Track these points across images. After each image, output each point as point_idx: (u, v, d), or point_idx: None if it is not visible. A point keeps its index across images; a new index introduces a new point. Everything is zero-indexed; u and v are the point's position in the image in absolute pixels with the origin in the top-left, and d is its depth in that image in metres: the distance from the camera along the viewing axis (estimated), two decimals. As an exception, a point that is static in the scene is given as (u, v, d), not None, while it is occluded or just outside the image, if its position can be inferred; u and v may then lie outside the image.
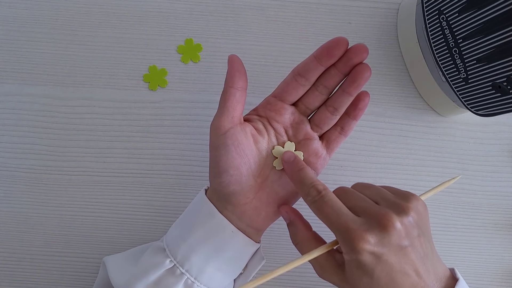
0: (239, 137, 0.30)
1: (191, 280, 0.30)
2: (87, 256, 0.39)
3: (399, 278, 0.26)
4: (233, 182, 0.30)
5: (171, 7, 0.42)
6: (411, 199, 0.27)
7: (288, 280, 0.39)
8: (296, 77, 0.31)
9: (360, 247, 0.25)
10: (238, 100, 0.30)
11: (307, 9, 0.43)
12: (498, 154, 0.42)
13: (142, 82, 0.41)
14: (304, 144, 0.32)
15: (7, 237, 0.39)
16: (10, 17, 0.42)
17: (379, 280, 0.25)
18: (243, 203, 0.30)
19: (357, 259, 0.25)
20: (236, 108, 0.30)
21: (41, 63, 0.41)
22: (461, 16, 0.32)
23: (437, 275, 0.27)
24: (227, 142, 0.29)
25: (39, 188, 0.40)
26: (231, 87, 0.30)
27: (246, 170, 0.30)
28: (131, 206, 0.40)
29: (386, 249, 0.25)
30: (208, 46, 0.42)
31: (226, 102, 0.30)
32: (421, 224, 0.27)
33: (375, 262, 0.25)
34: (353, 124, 0.32)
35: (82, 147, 0.40)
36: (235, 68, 0.30)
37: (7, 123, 0.40)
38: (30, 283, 0.39)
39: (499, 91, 0.31)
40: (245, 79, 0.31)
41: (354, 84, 0.30)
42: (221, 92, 0.31)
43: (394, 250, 0.25)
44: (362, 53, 0.29)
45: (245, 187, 0.30)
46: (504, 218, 0.41)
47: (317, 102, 0.32)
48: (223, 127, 0.30)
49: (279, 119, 0.32)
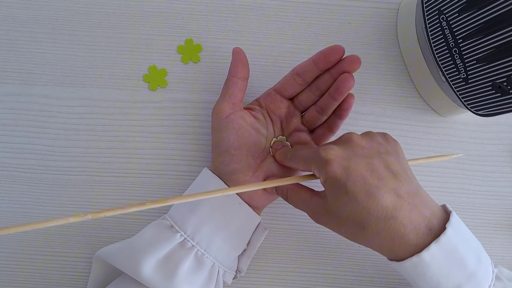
0: (240, 121, 0.33)
1: (201, 252, 0.32)
2: (87, 256, 0.39)
3: (377, 193, 0.25)
4: (234, 160, 0.33)
5: (171, 7, 0.42)
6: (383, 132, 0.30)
7: (288, 280, 0.39)
8: (295, 76, 0.35)
9: (326, 157, 0.27)
10: (240, 88, 0.34)
11: (307, 9, 0.43)
12: (498, 154, 0.42)
13: (142, 82, 0.41)
14: (294, 135, 0.36)
15: (7, 237, 0.39)
16: (10, 17, 0.42)
17: (356, 196, 0.25)
18: (243, 180, 0.33)
19: (328, 174, 0.26)
20: (238, 96, 0.34)
21: (41, 63, 0.41)
22: (461, 16, 0.32)
23: (426, 204, 0.27)
24: (229, 126, 0.33)
25: (39, 188, 0.40)
26: (234, 76, 0.34)
27: (246, 151, 0.33)
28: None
29: (352, 159, 0.26)
30: (208, 46, 0.42)
31: (229, 90, 0.34)
32: (389, 148, 0.28)
33: (345, 173, 0.26)
34: (339, 123, 0.36)
35: (82, 147, 0.40)
36: (239, 59, 0.34)
37: (7, 123, 0.40)
38: (30, 283, 0.39)
39: (499, 91, 0.31)
40: (247, 70, 0.34)
41: (338, 91, 0.33)
42: (224, 81, 0.34)
43: (360, 161, 0.26)
44: (354, 64, 0.33)
45: (245, 165, 0.33)
46: (504, 218, 0.41)
47: (309, 101, 0.36)
48: (225, 111, 0.33)
49: (276, 111, 0.36)
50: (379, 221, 0.25)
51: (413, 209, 0.26)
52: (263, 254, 0.39)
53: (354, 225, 0.26)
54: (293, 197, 0.32)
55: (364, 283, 0.40)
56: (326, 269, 0.40)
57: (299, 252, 0.40)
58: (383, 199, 0.25)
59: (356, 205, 0.25)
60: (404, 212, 0.25)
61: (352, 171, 0.26)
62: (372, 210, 0.25)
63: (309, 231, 0.40)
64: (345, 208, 0.26)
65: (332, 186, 0.27)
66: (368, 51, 0.42)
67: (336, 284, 0.40)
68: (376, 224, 0.25)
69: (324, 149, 0.27)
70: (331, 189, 0.27)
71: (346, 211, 0.26)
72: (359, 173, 0.26)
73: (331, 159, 0.27)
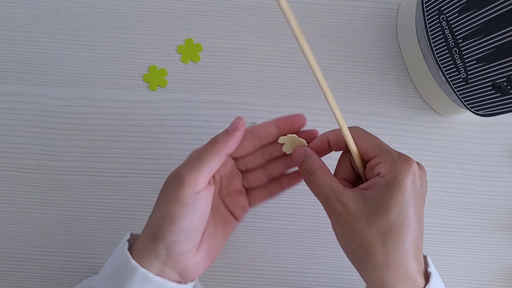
0: (207, 200, 0.28)
1: None
2: (87, 256, 0.39)
3: (418, 211, 0.26)
4: (187, 241, 0.28)
5: (171, 7, 0.42)
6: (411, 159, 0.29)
7: (288, 280, 0.39)
8: (253, 138, 0.32)
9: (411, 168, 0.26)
10: (221, 164, 0.29)
11: (307, 9, 0.43)
12: (498, 154, 0.42)
13: (142, 82, 0.41)
14: (232, 196, 0.33)
15: (7, 237, 0.39)
16: (10, 17, 0.42)
17: (407, 201, 0.25)
18: (186, 259, 0.28)
19: (403, 178, 0.25)
20: (215, 170, 0.29)
21: (41, 63, 0.41)
22: (461, 16, 0.32)
23: (420, 260, 0.27)
24: (197, 203, 0.27)
25: (39, 188, 0.40)
26: (223, 151, 0.29)
27: (201, 231, 0.29)
28: (131, 206, 0.40)
29: (418, 180, 0.26)
30: (208, 46, 0.42)
31: (212, 163, 0.28)
32: (425, 192, 0.28)
33: (411, 185, 0.26)
34: (279, 192, 0.33)
35: (82, 147, 0.40)
36: (238, 136, 0.30)
37: (7, 123, 0.40)
38: (30, 283, 0.39)
39: (499, 91, 0.31)
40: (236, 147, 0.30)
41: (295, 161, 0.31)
42: (207, 147, 0.29)
43: (417, 188, 0.26)
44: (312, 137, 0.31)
45: (194, 245, 0.28)
46: (504, 218, 0.41)
47: (256, 164, 0.33)
48: (199, 186, 0.28)
49: (222, 170, 0.32)
50: (389, 256, 0.26)
51: (415, 261, 0.26)
52: (263, 254, 0.40)
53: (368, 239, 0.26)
54: (323, 177, 0.28)
55: (364, 283, 0.40)
56: (326, 269, 0.40)
57: (299, 252, 0.40)
58: (416, 221, 0.26)
59: (404, 206, 0.26)
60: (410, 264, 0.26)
61: (414, 187, 0.26)
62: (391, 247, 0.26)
63: (309, 231, 0.40)
64: (393, 204, 0.25)
65: (395, 186, 0.25)
66: (368, 51, 0.42)
67: (336, 284, 0.40)
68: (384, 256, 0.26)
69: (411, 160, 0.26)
70: (392, 188, 0.25)
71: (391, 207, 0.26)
72: (418, 193, 0.26)
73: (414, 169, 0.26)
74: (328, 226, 0.40)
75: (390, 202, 0.25)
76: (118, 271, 0.28)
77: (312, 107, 0.41)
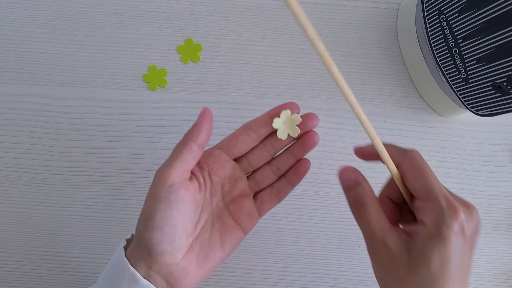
0: (183, 194, 0.28)
1: None
2: (87, 256, 0.39)
3: (464, 262, 0.25)
4: (165, 240, 0.27)
5: (171, 7, 0.42)
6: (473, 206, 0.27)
7: (288, 280, 0.39)
8: (248, 131, 0.31)
9: (458, 218, 0.24)
10: (194, 157, 0.29)
11: (307, 9, 0.43)
12: (498, 154, 0.42)
13: (142, 82, 0.41)
14: (238, 201, 0.31)
15: (7, 237, 0.39)
16: (10, 17, 0.42)
17: (451, 255, 0.24)
18: (170, 263, 0.28)
19: (447, 231, 0.24)
20: (190, 164, 0.28)
21: (41, 63, 0.41)
22: (461, 16, 0.32)
23: None
24: (170, 197, 0.27)
25: (39, 188, 0.40)
26: (193, 142, 0.29)
27: (182, 230, 0.28)
28: (131, 206, 0.40)
29: (467, 229, 0.25)
30: (208, 46, 0.42)
31: (182, 155, 0.28)
32: (475, 239, 0.27)
33: (456, 237, 0.24)
34: (289, 190, 0.32)
35: (82, 147, 0.40)
36: (205, 124, 0.29)
37: (7, 123, 0.40)
38: (30, 283, 0.39)
39: (499, 91, 0.31)
40: (208, 138, 0.29)
41: (302, 148, 0.31)
42: (178, 143, 0.29)
43: (465, 238, 0.25)
44: (313, 120, 0.30)
45: (176, 247, 0.28)
46: (504, 218, 0.41)
47: (261, 161, 0.32)
48: (171, 179, 0.27)
49: (220, 173, 0.31)
50: None
51: None
52: (263, 254, 0.40)
53: None
54: (372, 213, 0.26)
55: (364, 283, 0.40)
56: (326, 269, 0.40)
57: (299, 252, 0.40)
58: (464, 276, 0.25)
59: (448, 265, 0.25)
60: None
61: (464, 241, 0.25)
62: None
63: (309, 231, 0.40)
64: (435, 261, 0.24)
65: (440, 239, 0.24)
66: (368, 51, 0.42)
67: (336, 284, 0.40)
68: None
69: (459, 209, 0.25)
70: (436, 241, 0.24)
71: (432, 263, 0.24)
72: (467, 247, 0.25)
73: (461, 220, 0.24)
74: (328, 226, 0.40)
75: (432, 255, 0.24)
76: (112, 269, 0.29)
77: (312, 107, 0.41)
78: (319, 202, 0.40)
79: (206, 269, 0.29)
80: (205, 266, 0.29)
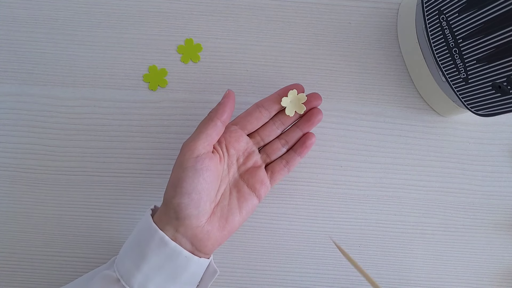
0: (208, 164, 0.31)
1: None
2: (87, 256, 0.39)
3: None
4: (192, 205, 0.30)
5: (171, 7, 0.42)
6: None
7: (288, 280, 0.39)
8: (260, 108, 0.35)
9: None
10: (218, 132, 0.33)
11: (307, 9, 0.43)
12: (498, 154, 0.42)
13: (142, 82, 0.41)
14: (251, 171, 0.35)
15: (7, 237, 0.39)
16: (10, 17, 0.42)
17: None
18: (195, 226, 0.31)
19: None
20: (214, 138, 0.33)
21: (41, 63, 0.41)
22: (461, 16, 0.32)
23: None
24: (197, 166, 0.31)
25: (39, 188, 0.40)
26: (218, 119, 0.33)
27: (206, 196, 0.31)
28: (131, 206, 0.40)
29: None
30: (208, 46, 0.42)
31: (207, 129, 0.32)
32: None
33: None
34: (297, 160, 0.36)
35: (82, 147, 0.40)
36: (229, 104, 0.33)
37: (7, 123, 0.40)
38: (30, 283, 0.39)
39: (499, 91, 0.31)
40: (230, 116, 0.34)
41: (308, 123, 0.36)
42: (203, 119, 0.33)
43: None
44: (317, 99, 0.35)
45: (201, 211, 0.31)
46: (504, 218, 0.41)
47: (271, 136, 0.36)
48: (197, 150, 0.31)
49: (236, 146, 0.35)
50: None
51: None
52: (263, 254, 0.40)
53: None
54: None
55: (364, 283, 0.40)
56: (326, 269, 0.40)
57: (299, 252, 0.40)
58: None
59: None
60: None
61: None
62: None
63: (309, 231, 0.40)
64: None
65: None
66: (368, 51, 0.42)
67: (336, 284, 0.40)
68: None
69: None
70: None
71: None
72: None
73: None
74: (328, 226, 0.40)
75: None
76: (140, 234, 0.32)
77: (312, 107, 0.41)
78: (319, 202, 0.40)
79: (227, 231, 0.33)
80: (225, 229, 0.33)
